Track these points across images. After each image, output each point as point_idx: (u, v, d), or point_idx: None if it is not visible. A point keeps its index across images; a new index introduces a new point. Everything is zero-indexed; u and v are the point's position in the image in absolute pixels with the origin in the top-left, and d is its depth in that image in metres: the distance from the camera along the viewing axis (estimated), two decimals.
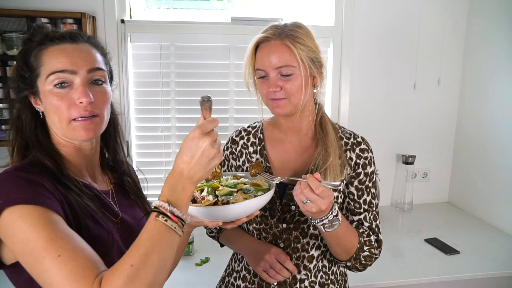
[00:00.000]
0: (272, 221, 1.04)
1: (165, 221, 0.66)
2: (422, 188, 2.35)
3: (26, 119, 0.81)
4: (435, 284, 1.54)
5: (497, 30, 1.98)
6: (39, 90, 0.79)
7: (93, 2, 1.87)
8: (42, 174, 0.74)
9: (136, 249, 0.63)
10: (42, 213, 0.66)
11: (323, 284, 1.06)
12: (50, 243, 0.63)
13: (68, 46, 0.79)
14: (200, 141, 0.67)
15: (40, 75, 0.78)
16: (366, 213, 1.05)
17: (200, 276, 1.53)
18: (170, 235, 0.66)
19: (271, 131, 1.11)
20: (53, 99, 0.77)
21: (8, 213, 0.66)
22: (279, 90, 0.95)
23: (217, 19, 2.06)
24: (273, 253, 1.00)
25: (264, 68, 0.97)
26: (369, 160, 1.05)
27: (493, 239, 1.86)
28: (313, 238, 1.05)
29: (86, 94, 0.77)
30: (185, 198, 0.69)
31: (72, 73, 0.77)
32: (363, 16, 2.11)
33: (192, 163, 0.67)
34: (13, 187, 0.69)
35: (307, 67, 0.96)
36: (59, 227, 0.66)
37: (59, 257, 0.62)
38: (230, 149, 1.15)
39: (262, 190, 0.90)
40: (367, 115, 2.21)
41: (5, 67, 1.76)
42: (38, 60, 0.78)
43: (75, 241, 0.65)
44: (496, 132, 2.00)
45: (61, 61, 0.76)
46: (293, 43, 0.94)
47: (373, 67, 2.17)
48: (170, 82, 2.03)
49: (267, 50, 0.96)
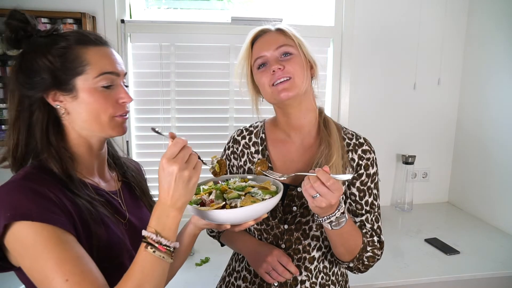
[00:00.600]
0: (274, 222, 1.04)
1: (153, 252, 0.68)
2: (422, 188, 2.35)
3: (38, 117, 0.79)
4: (435, 284, 1.54)
5: (497, 30, 1.98)
6: (77, 88, 0.78)
7: (93, 2, 1.87)
8: (51, 183, 0.74)
9: (130, 279, 0.67)
10: (52, 232, 0.68)
11: (324, 285, 1.06)
12: (59, 266, 0.65)
13: (108, 49, 0.83)
14: (170, 168, 0.68)
15: (85, 74, 0.78)
16: (368, 215, 1.04)
17: (200, 276, 1.53)
18: (160, 264, 0.69)
19: (273, 131, 1.11)
20: (99, 98, 0.79)
21: (18, 228, 0.67)
22: (282, 68, 0.96)
23: (217, 19, 2.06)
24: (275, 255, 1.00)
25: (263, 53, 0.98)
26: (372, 161, 1.04)
27: (493, 239, 1.86)
28: (315, 239, 1.04)
29: (129, 95, 0.84)
30: (172, 226, 0.71)
31: (117, 76, 0.82)
32: (363, 16, 2.11)
33: (170, 191, 0.69)
34: (22, 199, 0.69)
35: (304, 53, 1.00)
36: (68, 248, 0.68)
37: (67, 282, 0.64)
38: (231, 148, 1.14)
39: (270, 193, 0.89)
40: (367, 115, 2.21)
41: (5, 67, 1.75)
42: (80, 58, 0.78)
43: (82, 264, 0.67)
44: (496, 132, 2.00)
45: (109, 63, 0.81)
46: (288, 29, 1.01)
47: (373, 67, 2.17)
48: (170, 82, 2.03)
49: (264, 39, 1.01)
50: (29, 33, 0.79)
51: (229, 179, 1.00)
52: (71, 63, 0.77)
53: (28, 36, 0.79)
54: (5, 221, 0.66)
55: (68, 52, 0.77)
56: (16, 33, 0.77)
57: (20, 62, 0.78)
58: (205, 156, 0.80)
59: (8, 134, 0.80)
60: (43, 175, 0.75)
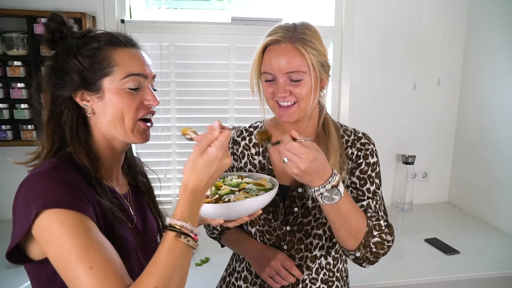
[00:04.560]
0: (276, 224, 1.04)
1: (188, 241, 0.68)
2: (422, 188, 2.34)
3: (67, 116, 0.80)
4: (435, 284, 1.54)
5: (497, 30, 1.98)
6: (103, 89, 0.79)
7: (93, 2, 1.87)
8: (78, 176, 0.75)
9: (158, 271, 0.65)
10: (79, 219, 0.68)
11: (327, 281, 1.06)
12: (85, 253, 0.65)
13: (137, 51, 0.83)
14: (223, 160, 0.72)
15: (113, 74, 0.78)
16: (370, 200, 1.00)
17: (200, 276, 1.53)
18: (189, 253, 0.69)
19: (273, 132, 1.09)
20: (125, 99, 0.79)
21: (47, 215, 0.67)
22: (288, 95, 0.92)
23: (217, 19, 2.06)
24: (279, 259, 0.99)
25: (273, 72, 0.92)
26: (371, 151, 1.03)
27: (493, 239, 1.86)
28: (317, 238, 1.04)
29: (156, 98, 0.84)
30: (197, 214, 0.72)
31: (145, 78, 0.82)
32: (363, 16, 2.11)
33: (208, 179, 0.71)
34: (54, 188, 0.69)
35: (317, 72, 0.92)
36: (93, 236, 0.68)
37: (91, 269, 0.65)
38: (231, 149, 1.13)
39: (265, 189, 0.90)
40: (367, 115, 2.21)
41: (5, 67, 1.75)
42: (108, 59, 0.78)
43: (107, 252, 0.68)
44: (496, 132, 2.00)
45: (137, 65, 0.81)
46: (304, 48, 0.90)
47: (373, 67, 2.17)
48: (170, 82, 2.03)
49: (276, 53, 0.91)
50: (64, 34, 0.81)
51: (226, 176, 1.00)
52: (99, 64, 0.78)
53: (63, 37, 0.81)
54: (37, 209, 0.67)
55: (97, 53, 0.78)
56: (52, 35, 0.80)
57: (53, 62, 0.80)
58: None
59: (43, 133, 0.82)
60: (71, 168, 0.76)
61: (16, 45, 1.74)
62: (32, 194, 0.69)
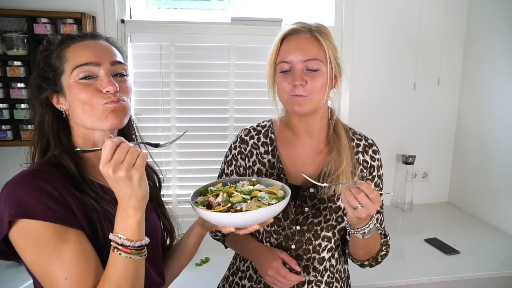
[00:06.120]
0: (286, 223, 1.03)
1: (120, 254, 0.69)
2: (422, 188, 2.35)
3: (49, 120, 0.83)
4: (435, 284, 1.54)
5: (497, 30, 1.98)
6: (63, 87, 0.80)
7: (93, 2, 1.86)
8: (58, 180, 0.75)
9: (107, 285, 0.69)
10: (53, 230, 0.70)
11: (329, 283, 1.06)
12: (60, 264, 0.68)
13: (90, 42, 0.83)
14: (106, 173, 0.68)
15: (65, 71, 0.80)
16: (379, 215, 1.08)
17: (200, 276, 1.53)
18: (130, 264, 0.70)
19: (282, 131, 1.09)
20: (79, 90, 0.79)
21: (21, 225, 0.69)
22: (304, 85, 0.93)
23: (217, 19, 2.06)
24: (274, 268, 0.96)
25: (290, 61, 0.93)
26: (380, 162, 1.07)
27: (493, 239, 1.86)
28: (326, 240, 1.03)
29: (112, 83, 0.79)
30: (133, 225, 0.70)
31: (96, 65, 0.79)
32: (363, 16, 2.11)
33: (119, 193, 0.69)
34: (26, 197, 0.70)
35: (332, 66, 0.95)
36: (69, 246, 0.70)
37: (66, 280, 0.68)
38: (238, 148, 1.11)
39: (277, 198, 0.88)
40: (367, 115, 2.21)
41: (5, 67, 1.75)
42: (61, 58, 0.80)
43: (82, 264, 0.70)
44: (496, 132, 2.00)
45: (85, 55, 0.79)
46: (323, 39, 0.94)
47: (373, 67, 2.17)
48: (170, 82, 2.03)
49: (295, 42, 0.94)
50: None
51: (238, 181, 0.98)
52: (55, 65, 0.81)
53: None
54: (9, 218, 0.69)
55: (53, 56, 0.81)
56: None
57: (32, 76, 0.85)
58: (205, 156, 0.80)
59: (33, 136, 0.86)
60: (53, 170, 0.77)
61: (16, 45, 1.74)
62: (7, 202, 0.70)
